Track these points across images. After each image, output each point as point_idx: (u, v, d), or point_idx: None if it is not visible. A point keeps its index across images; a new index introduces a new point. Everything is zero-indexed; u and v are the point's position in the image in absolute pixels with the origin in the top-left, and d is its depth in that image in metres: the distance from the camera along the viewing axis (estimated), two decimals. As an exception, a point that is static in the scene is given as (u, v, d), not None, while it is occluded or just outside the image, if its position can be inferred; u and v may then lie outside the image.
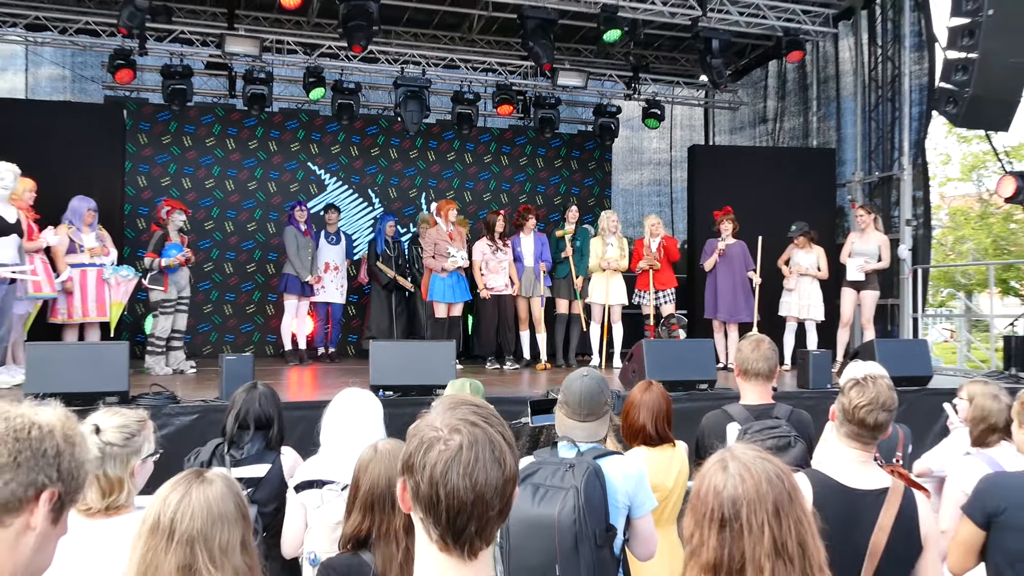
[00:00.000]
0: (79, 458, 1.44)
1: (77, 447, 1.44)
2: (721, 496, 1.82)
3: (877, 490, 2.72)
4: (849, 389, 2.83)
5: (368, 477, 2.77)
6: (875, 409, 2.75)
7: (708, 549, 1.82)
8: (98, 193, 9.28)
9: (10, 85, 12.66)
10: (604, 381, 3.27)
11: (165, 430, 5.93)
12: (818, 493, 2.67)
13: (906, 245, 11.08)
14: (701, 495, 1.87)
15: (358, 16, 10.04)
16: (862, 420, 2.76)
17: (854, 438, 2.80)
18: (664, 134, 15.59)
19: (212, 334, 12.13)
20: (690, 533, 1.88)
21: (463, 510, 1.44)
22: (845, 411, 2.80)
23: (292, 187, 12.65)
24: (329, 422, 3.72)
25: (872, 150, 12.08)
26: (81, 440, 1.46)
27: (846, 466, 2.77)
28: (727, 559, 1.80)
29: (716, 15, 11.25)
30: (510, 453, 1.51)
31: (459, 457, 1.45)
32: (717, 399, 6.49)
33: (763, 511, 1.79)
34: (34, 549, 1.37)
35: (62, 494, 1.39)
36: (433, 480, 1.45)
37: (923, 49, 11.15)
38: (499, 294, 10.01)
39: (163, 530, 1.89)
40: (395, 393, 6.68)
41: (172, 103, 11.54)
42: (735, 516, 1.80)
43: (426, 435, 1.50)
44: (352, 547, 2.75)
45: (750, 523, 1.79)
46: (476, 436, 1.48)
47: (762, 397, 4.16)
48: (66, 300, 8.31)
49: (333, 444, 3.65)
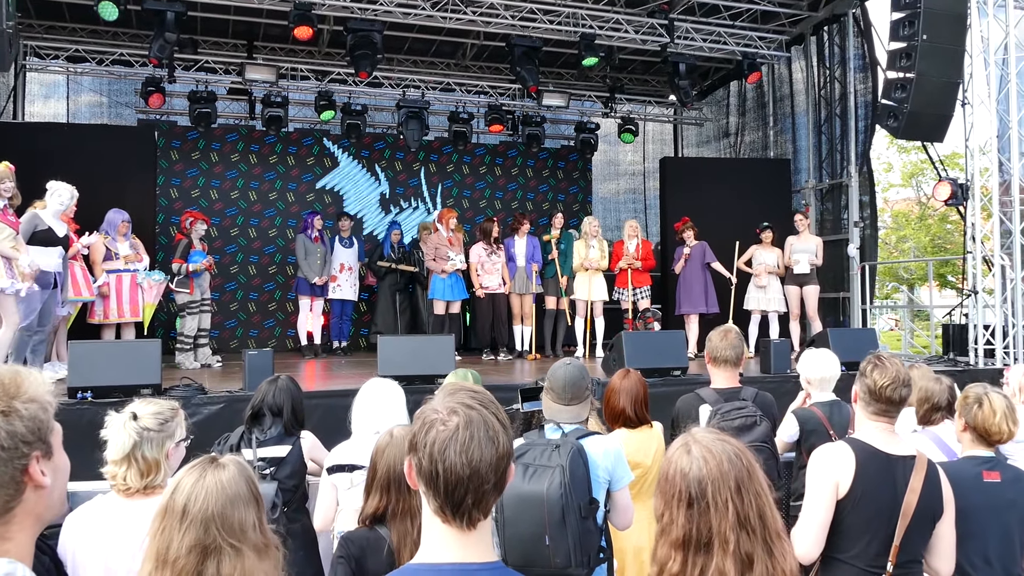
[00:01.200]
0: (32, 411, 1.30)
1: (24, 403, 1.30)
2: (688, 477, 1.80)
3: (907, 455, 2.72)
4: (871, 371, 2.77)
5: (384, 460, 2.75)
6: (898, 386, 2.72)
7: (677, 526, 1.80)
8: (132, 206, 9.24)
9: (54, 111, 12.61)
10: (585, 369, 3.25)
11: (194, 418, 5.86)
12: (860, 459, 2.67)
13: (854, 244, 11.10)
14: (669, 477, 1.84)
15: (364, 46, 10.04)
16: (889, 398, 2.72)
17: (882, 414, 2.75)
18: (638, 148, 15.59)
19: (238, 330, 12.13)
20: (660, 513, 1.85)
21: (460, 484, 1.44)
22: (872, 392, 2.75)
23: (308, 197, 12.64)
24: (357, 410, 3.67)
25: (823, 160, 12.10)
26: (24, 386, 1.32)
27: (876, 435, 2.75)
28: (695, 534, 1.78)
29: (682, 41, 11.27)
30: (503, 433, 1.50)
31: (456, 436, 1.45)
32: (689, 384, 6.48)
33: (726, 488, 1.77)
34: (51, 494, 1.34)
35: (42, 448, 1.31)
36: (433, 457, 1.45)
37: (867, 70, 11.19)
38: (493, 293, 10.00)
39: (176, 511, 1.84)
40: (401, 382, 6.62)
41: (198, 125, 11.53)
42: (701, 495, 1.77)
43: (428, 417, 1.51)
44: (370, 523, 2.74)
45: (715, 500, 1.76)
46: (472, 417, 1.47)
47: (730, 381, 4.15)
48: (103, 303, 8.27)
49: (362, 430, 3.60)
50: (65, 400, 5.82)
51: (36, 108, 12.47)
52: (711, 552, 1.77)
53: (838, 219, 11.74)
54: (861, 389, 2.81)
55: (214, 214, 11.99)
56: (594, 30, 10.79)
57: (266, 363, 6.35)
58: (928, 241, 25.23)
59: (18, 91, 11.81)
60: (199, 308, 9.08)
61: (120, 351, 6.45)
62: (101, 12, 8.86)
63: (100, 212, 8.56)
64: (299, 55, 12.79)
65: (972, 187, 9.32)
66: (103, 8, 8.81)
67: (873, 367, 2.78)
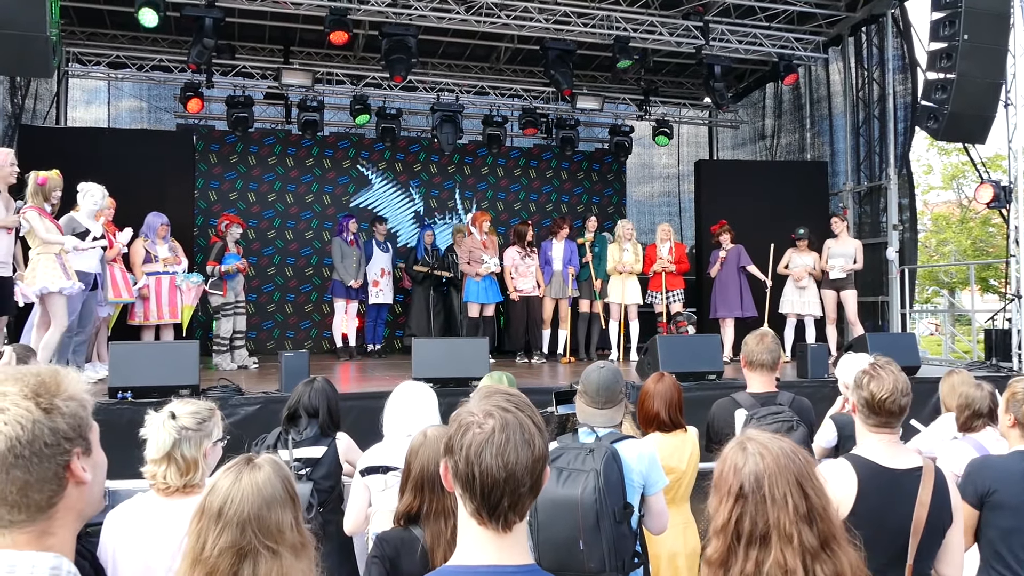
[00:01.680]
0: (73, 408, 1.32)
1: (64, 400, 1.31)
2: (742, 472, 1.79)
3: (912, 468, 2.61)
4: (868, 383, 2.65)
5: (419, 461, 2.75)
6: (898, 396, 2.62)
7: (731, 520, 1.79)
8: (171, 209, 9.35)
9: (95, 116, 12.84)
10: (619, 372, 3.24)
11: (231, 419, 5.92)
12: (862, 476, 2.57)
13: (893, 248, 10.94)
14: (723, 474, 1.84)
15: (399, 50, 10.08)
16: (889, 410, 2.61)
17: (883, 427, 2.65)
18: (673, 150, 15.49)
19: (275, 331, 12.27)
20: (714, 508, 1.85)
21: (496, 486, 1.44)
22: (870, 405, 2.63)
23: (344, 199, 12.76)
24: (390, 413, 3.68)
25: (861, 162, 11.93)
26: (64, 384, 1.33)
27: (880, 449, 2.64)
28: (749, 527, 1.77)
29: (718, 43, 11.19)
30: (539, 436, 1.50)
31: (492, 439, 1.45)
32: (724, 388, 6.42)
33: (784, 482, 1.76)
34: (91, 490, 1.36)
35: (82, 445, 1.33)
36: (469, 460, 1.46)
37: (906, 71, 11.02)
38: (528, 296, 10.00)
39: (212, 513, 1.85)
40: (435, 385, 6.63)
41: (235, 129, 11.67)
42: (756, 487, 1.76)
43: (464, 420, 1.51)
44: (404, 522, 2.74)
45: (772, 493, 1.75)
46: (507, 420, 1.47)
47: (766, 386, 4.11)
48: (143, 304, 8.39)
49: (394, 432, 3.61)
50: (106, 400, 5.92)
51: (78, 113, 12.71)
52: (768, 545, 1.76)
53: (876, 222, 11.57)
54: (859, 402, 2.68)
55: (251, 217, 12.15)
56: (628, 32, 10.76)
57: (302, 365, 6.40)
58: (969, 244, 24.81)
59: (61, 97, 12.04)
60: (233, 310, 9.18)
61: (159, 352, 6.54)
62: (141, 19, 9.02)
63: (140, 215, 8.69)
64: (334, 60, 12.90)
65: (1015, 189, 9.15)
66: (143, 15, 8.96)
67: (870, 378, 2.66)
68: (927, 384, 7.15)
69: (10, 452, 1.24)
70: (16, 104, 10.29)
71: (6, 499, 1.26)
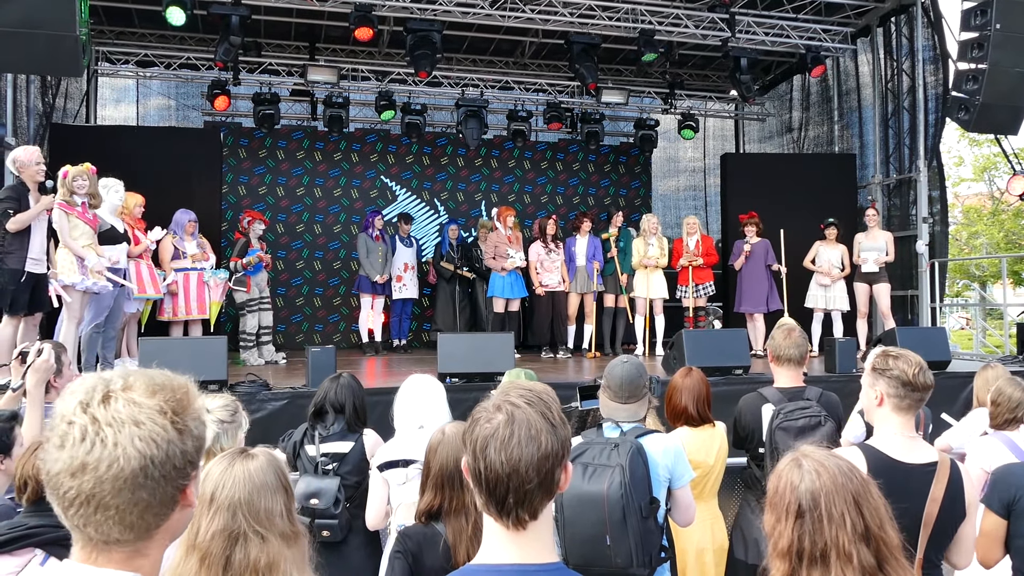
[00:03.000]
0: (200, 430, 1.25)
1: (192, 420, 1.24)
2: (798, 490, 1.78)
3: (926, 463, 2.57)
4: (895, 363, 2.62)
5: (438, 459, 2.76)
6: (924, 368, 2.61)
7: (786, 538, 1.78)
8: (198, 206, 9.44)
9: (124, 115, 12.99)
10: (643, 367, 3.22)
11: (258, 414, 6.00)
12: (872, 468, 2.51)
13: (923, 241, 10.80)
14: (779, 490, 1.82)
15: (423, 46, 10.11)
16: (924, 383, 2.59)
17: (914, 406, 2.61)
18: (698, 144, 15.40)
19: (304, 324, 12.36)
20: (771, 526, 1.83)
21: (499, 482, 1.43)
22: (904, 382, 2.58)
23: (372, 193, 12.83)
24: (399, 407, 3.73)
25: (890, 155, 11.78)
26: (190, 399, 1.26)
27: (896, 442, 2.61)
28: (808, 546, 1.75)
29: (744, 35, 11.10)
30: (549, 432, 1.47)
31: (496, 434, 1.45)
32: (751, 383, 6.38)
33: (842, 501, 1.74)
34: (191, 512, 1.30)
35: (196, 469, 1.27)
36: (476, 454, 1.46)
37: (936, 62, 10.85)
38: (553, 291, 10.00)
39: (204, 499, 1.86)
40: (461, 380, 6.67)
41: (261, 126, 11.75)
42: (813, 506, 1.75)
43: (476, 414, 1.52)
44: (426, 519, 2.76)
45: (830, 512, 1.74)
46: (515, 415, 1.46)
47: (794, 380, 4.08)
48: (171, 300, 8.48)
49: (406, 426, 3.65)
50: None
51: (107, 112, 12.86)
52: (828, 564, 1.75)
53: (906, 215, 11.43)
54: (891, 386, 2.61)
55: (280, 211, 12.27)
56: (653, 26, 10.70)
57: (329, 360, 6.43)
58: (1002, 237, 24.45)
59: (90, 95, 12.19)
60: (258, 306, 9.26)
61: (188, 347, 6.63)
62: (168, 17, 9.10)
63: (168, 212, 8.77)
64: (359, 56, 12.94)
65: (1048, 181, 8.99)
66: (170, 13, 9.05)
67: (893, 359, 2.64)
68: (958, 379, 7.08)
69: (142, 472, 1.16)
70: (47, 103, 10.42)
71: (124, 519, 1.17)
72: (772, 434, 3.74)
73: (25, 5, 6.78)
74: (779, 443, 3.72)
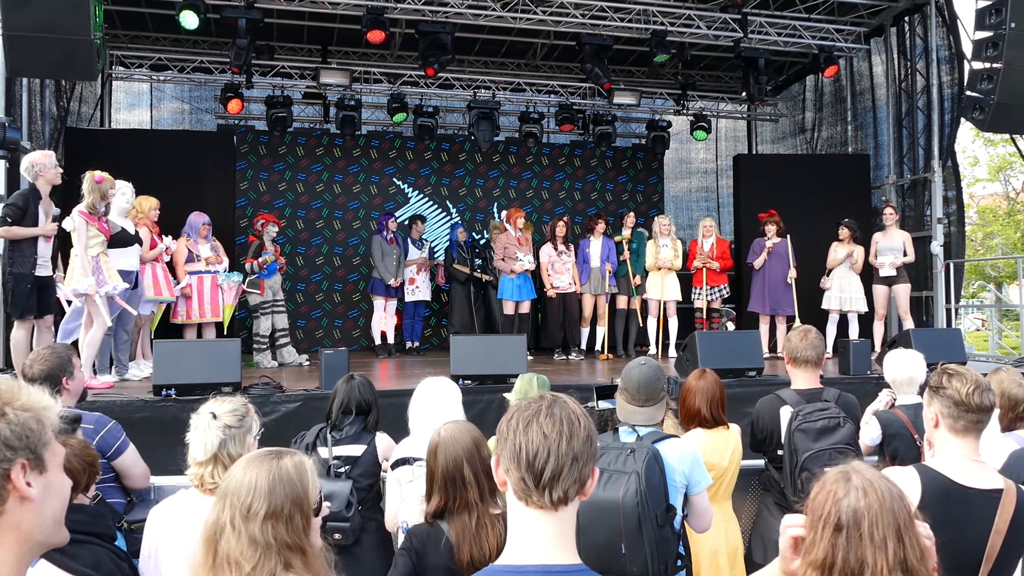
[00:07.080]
0: (23, 419, 1.30)
1: (16, 410, 1.30)
2: (840, 503, 1.71)
3: (991, 490, 2.38)
4: (950, 381, 2.46)
5: (439, 461, 2.79)
6: (984, 389, 2.45)
7: (820, 549, 1.71)
8: (212, 209, 9.45)
9: (139, 119, 13.07)
10: (660, 369, 3.18)
11: (272, 416, 6.00)
12: (927, 488, 2.37)
13: (938, 241, 10.71)
14: (818, 499, 1.76)
15: (435, 48, 10.13)
16: (979, 405, 2.42)
17: (973, 427, 2.44)
18: (711, 145, 15.35)
19: (323, 319, 12.35)
20: (806, 533, 1.77)
21: (539, 454, 1.51)
22: (960, 403, 2.42)
23: (391, 189, 12.82)
24: (415, 408, 3.74)
25: (904, 155, 11.69)
26: (22, 397, 1.32)
27: (958, 464, 2.43)
28: (841, 562, 1.69)
29: (756, 36, 11.05)
30: (585, 428, 1.57)
31: (540, 415, 1.55)
32: (765, 385, 6.34)
33: (885, 525, 1.68)
34: (41, 511, 1.31)
35: (30, 458, 1.30)
36: (516, 431, 1.55)
37: (951, 61, 10.76)
38: (564, 292, 9.96)
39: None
40: (473, 382, 6.66)
41: (274, 129, 11.77)
42: (854, 524, 1.69)
43: (511, 409, 1.63)
44: (431, 519, 2.80)
45: (871, 534, 1.68)
46: (553, 408, 1.57)
47: (811, 382, 4.05)
48: (185, 303, 8.49)
49: (420, 427, 3.65)
50: (150, 397, 6.03)
51: (122, 116, 12.93)
52: None
53: (921, 215, 11.34)
54: (944, 406, 2.46)
55: (299, 207, 12.29)
56: (665, 27, 10.67)
57: (342, 362, 6.43)
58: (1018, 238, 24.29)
59: (105, 99, 12.25)
60: (271, 309, 9.26)
61: (202, 350, 6.63)
62: (182, 21, 9.14)
63: (182, 215, 8.79)
64: (372, 59, 12.96)
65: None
66: (184, 17, 9.08)
67: (948, 377, 2.47)
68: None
69: None
70: (62, 107, 10.48)
71: None
72: (791, 436, 3.70)
73: (40, 10, 6.81)
74: (798, 445, 3.69)
